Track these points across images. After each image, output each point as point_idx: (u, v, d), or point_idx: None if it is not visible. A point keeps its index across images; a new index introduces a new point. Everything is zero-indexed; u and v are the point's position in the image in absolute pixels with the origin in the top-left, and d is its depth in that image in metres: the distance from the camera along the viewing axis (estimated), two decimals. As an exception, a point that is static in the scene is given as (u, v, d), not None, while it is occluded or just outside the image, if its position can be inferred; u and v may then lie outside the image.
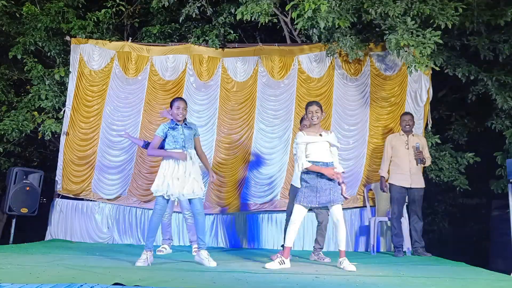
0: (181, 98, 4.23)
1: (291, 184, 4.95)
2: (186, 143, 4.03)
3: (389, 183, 5.40)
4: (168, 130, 4.04)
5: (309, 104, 4.10)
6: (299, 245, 6.00)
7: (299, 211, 3.95)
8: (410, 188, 5.30)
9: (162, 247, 4.93)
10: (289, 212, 4.62)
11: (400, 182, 5.31)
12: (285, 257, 3.87)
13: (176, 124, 4.07)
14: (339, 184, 3.93)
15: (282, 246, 4.64)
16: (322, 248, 4.88)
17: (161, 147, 4.08)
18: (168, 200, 4.00)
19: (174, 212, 5.93)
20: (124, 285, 2.56)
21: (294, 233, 3.94)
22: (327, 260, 4.71)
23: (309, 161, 3.93)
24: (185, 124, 4.11)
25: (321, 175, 3.91)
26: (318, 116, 4.00)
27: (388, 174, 5.45)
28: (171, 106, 4.08)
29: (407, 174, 5.30)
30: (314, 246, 4.92)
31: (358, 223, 6.11)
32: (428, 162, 5.50)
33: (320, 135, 4.00)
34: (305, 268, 3.86)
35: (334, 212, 3.92)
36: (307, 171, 3.95)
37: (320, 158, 3.94)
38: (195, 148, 4.14)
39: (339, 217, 3.89)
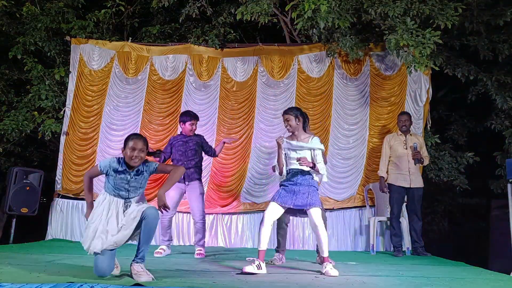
0: (137, 136, 3.12)
1: None
2: (130, 193, 3.08)
3: (388, 183, 5.41)
4: (111, 170, 3.05)
5: (283, 112, 3.92)
6: (299, 245, 6.01)
7: (272, 210, 3.69)
8: (410, 188, 5.31)
9: (161, 248, 4.79)
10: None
11: (399, 182, 5.32)
12: (261, 259, 3.54)
13: (126, 168, 3.07)
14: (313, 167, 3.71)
15: (276, 249, 4.48)
16: None
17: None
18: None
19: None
20: (124, 285, 2.57)
21: (268, 234, 3.63)
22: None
23: (288, 169, 3.80)
24: (138, 169, 3.08)
25: (299, 183, 3.73)
26: (291, 125, 3.82)
27: (387, 174, 5.46)
28: (124, 145, 3.06)
29: (406, 174, 5.30)
30: (317, 250, 4.80)
31: (358, 223, 6.11)
32: (426, 162, 5.51)
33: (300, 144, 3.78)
34: (305, 268, 3.86)
35: (312, 215, 3.62)
36: (286, 179, 3.79)
37: (299, 167, 3.74)
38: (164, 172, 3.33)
39: (317, 222, 3.59)
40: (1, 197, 6.11)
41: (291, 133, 3.93)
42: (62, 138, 6.51)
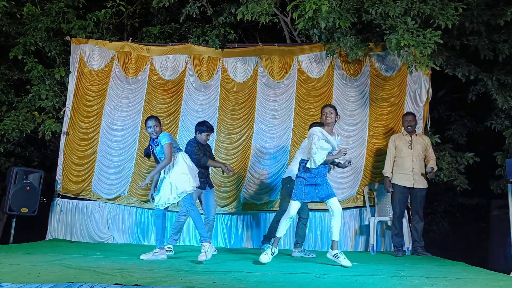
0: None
1: (288, 176, 4.97)
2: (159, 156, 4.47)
3: (391, 183, 5.40)
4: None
5: (324, 106, 4.26)
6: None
7: (296, 207, 4.15)
8: (413, 188, 5.30)
9: (168, 247, 4.86)
10: (284, 205, 4.75)
11: (402, 182, 5.31)
12: (275, 246, 4.13)
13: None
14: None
15: (264, 239, 4.98)
16: (303, 242, 5.06)
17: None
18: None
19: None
20: (124, 285, 2.57)
21: (287, 225, 4.22)
22: (312, 255, 4.93)
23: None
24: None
25: (317, 175, 4.10)
26: (332, 117, 4.14)
27: (392, 174, 5.45)
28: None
29: (410, 174, 5.30)
30: (297, 241, 5.02)
31: (358, 223, 6.11)
32: (434, 164, 5.44)
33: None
34: (305, 268, 3.86)
35: (333, 203, 4.10)
36: (309, 171, 4.09)
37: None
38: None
39: (339, 207, 4.10)
40: (1, 197, 6.12)
41: (325, 126, 4.17)
42: (62, 138, 6.52)
